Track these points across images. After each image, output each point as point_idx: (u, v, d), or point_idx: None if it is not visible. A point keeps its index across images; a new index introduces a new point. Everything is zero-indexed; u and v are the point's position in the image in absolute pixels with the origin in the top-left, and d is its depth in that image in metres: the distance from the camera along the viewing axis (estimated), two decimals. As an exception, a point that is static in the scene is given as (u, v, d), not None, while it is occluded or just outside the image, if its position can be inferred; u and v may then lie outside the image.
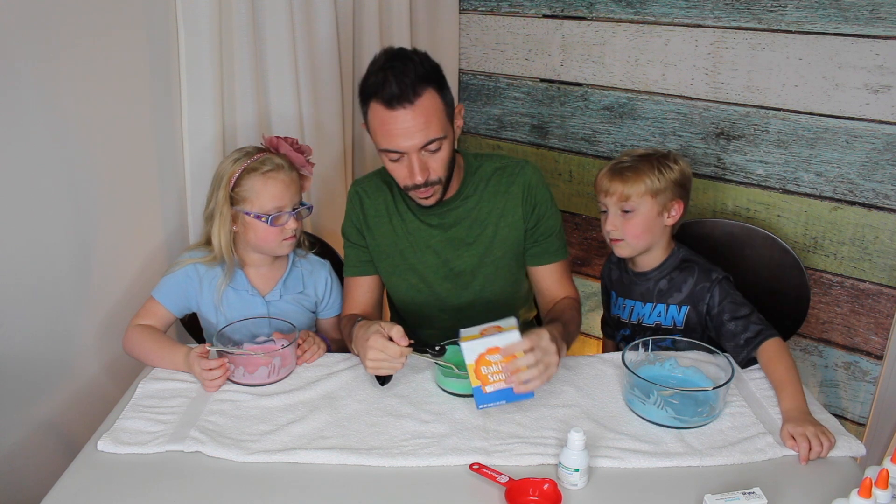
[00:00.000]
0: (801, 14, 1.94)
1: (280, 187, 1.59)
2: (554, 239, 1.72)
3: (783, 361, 1.48)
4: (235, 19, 1.84)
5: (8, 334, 1.53)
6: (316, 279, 1.75)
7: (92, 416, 1.51)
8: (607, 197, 1.66)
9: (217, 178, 1.62)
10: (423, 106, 1.47)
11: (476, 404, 1.37)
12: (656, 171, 1.64)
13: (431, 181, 1.54)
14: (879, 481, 1.06)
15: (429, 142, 1.49)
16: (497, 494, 1.20)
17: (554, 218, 1.72)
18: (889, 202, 1.95)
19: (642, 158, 1.67)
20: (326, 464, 1.28)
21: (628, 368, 1.41)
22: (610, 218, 1.67)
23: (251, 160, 1.59)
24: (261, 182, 1.58)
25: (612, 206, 1.66)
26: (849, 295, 2.08)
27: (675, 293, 1.68)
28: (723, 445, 1.32)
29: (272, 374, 1.50)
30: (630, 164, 1.66)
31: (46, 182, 1.55)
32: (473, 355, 1.32)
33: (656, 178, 1.64)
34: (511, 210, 1.68)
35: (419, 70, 1.47)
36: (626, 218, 1.65)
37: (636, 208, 1.64)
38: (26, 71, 1.46)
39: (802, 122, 2.01)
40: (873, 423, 2.10)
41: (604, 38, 2.30)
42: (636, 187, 1.63)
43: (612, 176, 1.66)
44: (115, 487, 1.22)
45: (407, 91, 1.44)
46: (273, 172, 1.59)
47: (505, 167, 1.70)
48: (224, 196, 1.59)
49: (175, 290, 1.64)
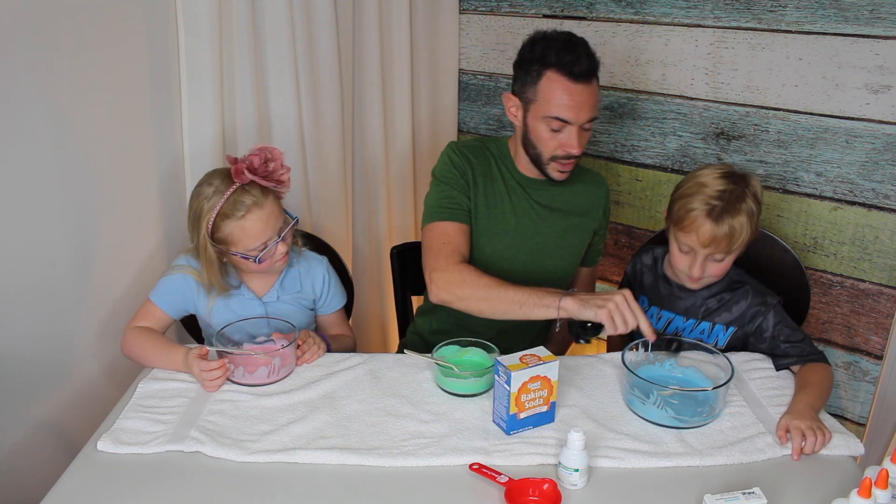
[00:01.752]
0: (801, 14, 1.94)
1: (259, 226, 1.54)
2: (602, 245, 1.95)
3: (821, 374, 1.50)
4: (235, 20, 1.84)
5: (8, 334, 1.53)
6: (314, 277, 1.74)
7: (92, 416, 1.51)
8: (706, 247, 1.54)
9: (194, 215, 1.56)
10: (595, 87, 1.64)
11: (506, 430, 1.35)
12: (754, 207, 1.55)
13: (576, 155, 1.67)
14: (879, 481, 1.06)
15: (592, 119, 1.64)
16: (497, 494, 1.20)
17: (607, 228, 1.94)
18: (889, 202, 1.94)
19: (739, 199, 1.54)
20: (326, 464, 1.28)
21: (628, 368, 1.41)
22: (698, 263, 1.57)
23: (222, 201, 1.51)
24: (238, 227, 1.53)
25: (704, 253, 1.55)
26: (849, 295, 2.08)
27: (725, 313, 1.64)
28: (723, 445, 1.32)
29: (272, 374, 1.50)
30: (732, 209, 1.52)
31: (46, 182, 1.55)
32: (518, 383, 1.32)
33: (755, 221, 1.56)
34: (595, 209, 1.86)
35: (593, 60, 1.63)
36: (716, 263, 1.58)
37: (728, 256, 1.57)
38: (26, 72, 1.46)
39: (802, 122, 2.01)
40: (873, 423, 2.10)
41: (604, 38, 2.30)
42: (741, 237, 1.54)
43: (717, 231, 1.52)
44: (114, 487, 1.22)
45: (592, 70, 1.62)
46: (248, 214, 1.52)
47: (588, 169, 1.90)
48: (204, 240, 1.54)
49: (172, 294, 1.63)
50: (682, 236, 1.57)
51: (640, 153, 2.35)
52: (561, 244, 1.81)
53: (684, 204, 1.57)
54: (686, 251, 1.59)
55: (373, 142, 2.37)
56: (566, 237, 1.81)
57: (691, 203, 1.55)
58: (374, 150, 2.38)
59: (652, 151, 2.32)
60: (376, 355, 1.62)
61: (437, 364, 1.48)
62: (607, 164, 2.42)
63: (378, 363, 1.58)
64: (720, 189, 1.55)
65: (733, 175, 1.58)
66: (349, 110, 2.27)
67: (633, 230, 2.43)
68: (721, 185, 1.56)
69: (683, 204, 1.57)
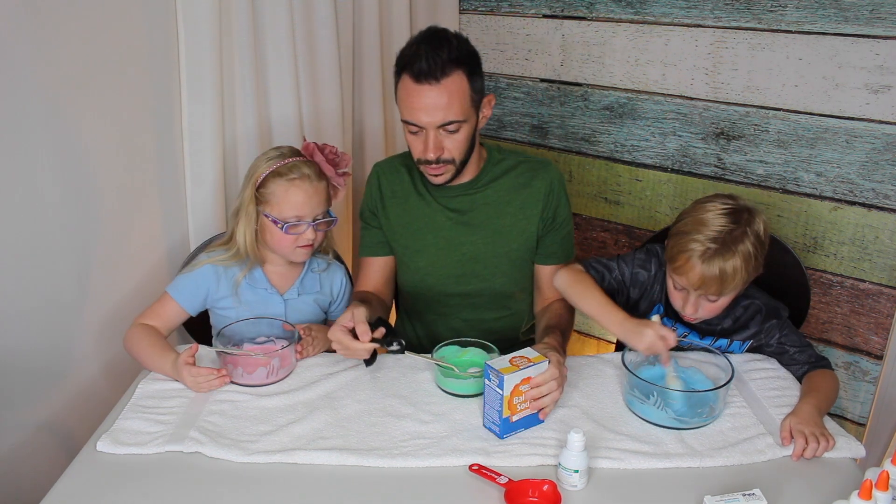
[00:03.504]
0: (801, 14, 1.94)
1: (302, 197, 1.57)
2: (564, 241, 1.76)
3: (828, 381, 1.49)
4: (235, 19, 1.84)
5: (9, 335, 1.53)
6: (332, 279, 1.75)
7: (91, 416, 1.51)
8: (697, 289, 1.48)
9: (248, 174, 1.62)
10: (448, 86, 1.52)
11: (499, 434, 1.34)
12: (752, 249, 1.46)
13: (444, 159, 1.59)
14: (879, 483, 1.06)
15: (447, 122, 1.54)
16: (496, 495, 1.20)
17: (568, 221, 1.76)
18: (889, 202, 1.94)
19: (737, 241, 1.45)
20: (326, 464, 1.27)
21: (628, 369, 1.41)
22: (691, 302, 1.51)
23: (281, 163, 1.58)
24: (283, 188, 1.57)
25: (696, 294, 1.50)
26: (849, 295, 2.07)
27: (742, 331, 1.61)
28: (723, 446, 1.31)
29: (271, 375, 1.49)
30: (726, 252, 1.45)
31: (46, 183, 1.55)
32: (510, 386, 1.31)
33: (753, 263, 1.47)
34: (532, 204, 1.71)
35: (453, 52, 1.52)
36: (709, 303, 1.52)
37: (723, 296, 1.50)
38: (26, 72, 1.45)
39: (802, 122, 2.01)
40: (873, 423, 2.10)
41: (604, 38, 2.30)
42: (734, 281, 1.46)
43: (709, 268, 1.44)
44: (114, 488, 1.22)
45: (435, 69, 1.50)
46: (298, 181, 1.57)
47: (529, 161, 1.75)
48: (250, 194, 1.59)
49: (191, 288, 1.62)
50: (674, 275, 1.52)
51: (640, 153, 2.34)
52: (493, 250, 1.72)
53: (678, 242, 1.50)
54: (679, 289, 1.54)
55: (373, 141, 2.37)
56: (497, 241, 1.71)
57: (686, 244, 1.48)
58: (375, 150, 2.38)
59: (652, 151, 2.32)
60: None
61: (436, 365, 1.48)
62: (607, 164, 2.42)
63: (378, 363, 1.58)
64: (718, 229, 1.47)
65: (737, 212, 1.49)
66: (349, 110, 2.27)
67: (633, 230, 2.43)
68: (720, 224, 1.47)
69: (678, 242, 1.50)
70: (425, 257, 1.74)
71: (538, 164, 1.74)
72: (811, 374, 1.52)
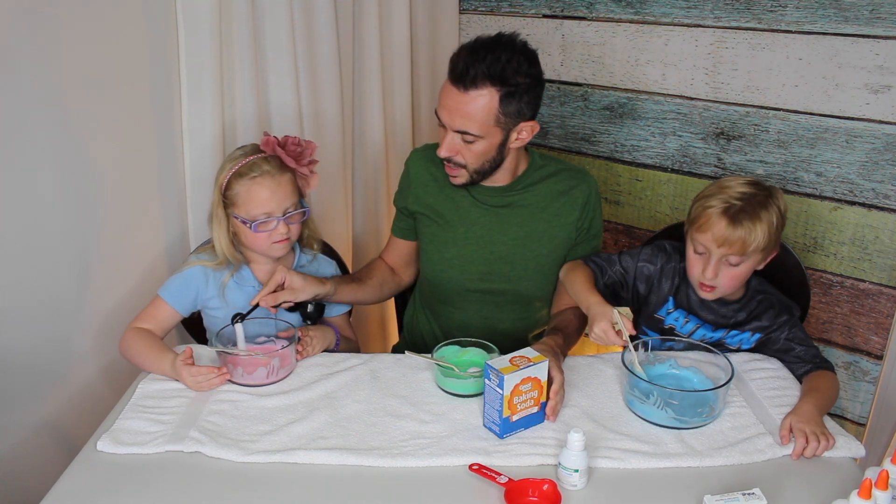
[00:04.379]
0: (801, 14, 1.94)
1: (266, 193, 1.55)
2: (594, 251, 1.79)
3: (829, 382, 1.50)
4: (235, 19, 1.84)
5: (8, 335, 1.53)
6: (321, 274, 1.74)
7: (91, 416, 1.51)
8: (720, 247, 1.50)
9: (215, 178, 1.62)
10: (473, 98, 1.53)
11: (499, 434, 1.34)
12: (775, 219, 1.52)
13: (455, 162, 1.62)
14: (879, 482, 1.06)
15: (462, 131, 1.56)
16: (496, 495, 1.20)
17: (601, 232, 1.81)
18: (889, 202, 1.94)
19: (760, 205, 1.51)
20: (326, 464, 1.28)
21: (628, 369, 1.41)
22: (712, 264, 1.51)
23: (242, 163, 1.57)
24: (246, 188, 1.55)
25: (718, 254, 1.51)
26: (849, 295, 2.07)
27: (755, 323, 1.62)
28: (723, 446, 1.32)
29: (271, 375, 1.49)
30: (751, 211, 1.49)
31: (45, 183, 1.55)
32: (510, 386, 1.31)
33: (774, 231, 1.52)
34: (569, 211, 1.73)
35: (495, 68, 1.51)
36: (730, 269, 1.52)
37: (743, 262, 1.52)
38: (26, 72, 1.45)
39: (802, 122, 2.01)
40: (873, 423, 2.10)
41: (604, 38, 2.30)
42: (753, 245, 1.49)
43: (732, 229, 1.48)
44: (114, 488, 1.22)
45: (465, 77, 1.51)
46: (260, 178, 1.55)
47: (569, 169, 1.77)
48: (217, 199, 1.59)
49: (182, 289, 1.62)
50: (697, 235, 1.53)
51: (640, 153, 2.34)
52: (522, 252, 1.73)
53: (703, 203, 1.54)
54: (701, 252, 1.54)
55: (373, 142, 2.37)
56: (528, 245, 1.73)
57: (710, 202, 1.52)
58: (375, 149, 2.38)
59: (652, 151, 2.32)
60: (376, 355, 1.62)
61: (436, 364, 1.48)
62: (607, 164, 2.42)
63: (378, 363, 1.58)
64: (742, 192, 1.52)
65: (759, 184, 1.56)
66: (349, 110, 2.27)
67: (633, 230, 2.43)
68: (744, 189, 1.53)
69: (702, 203, 1.54)
70: (454, 248, 1.75)
71: (578, 172, 1.77)
72: (813, 374, 1.53)
